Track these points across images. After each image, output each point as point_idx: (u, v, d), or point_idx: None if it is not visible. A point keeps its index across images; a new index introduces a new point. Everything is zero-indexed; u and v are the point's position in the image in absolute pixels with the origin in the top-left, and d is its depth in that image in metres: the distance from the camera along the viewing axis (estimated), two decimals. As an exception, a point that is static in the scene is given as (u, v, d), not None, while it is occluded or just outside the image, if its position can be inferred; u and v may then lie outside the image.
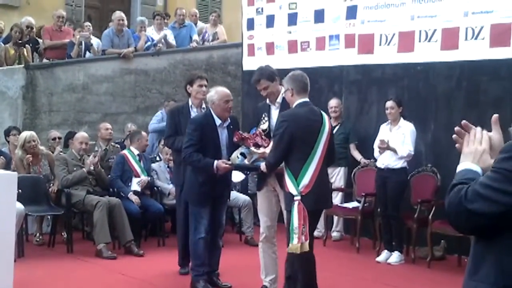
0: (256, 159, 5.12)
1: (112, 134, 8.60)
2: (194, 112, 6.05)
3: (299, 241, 4.62)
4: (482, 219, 1.86)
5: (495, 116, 2.10)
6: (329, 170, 5.97)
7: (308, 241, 4.66)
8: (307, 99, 4.94)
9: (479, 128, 2.07)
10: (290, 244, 4.67)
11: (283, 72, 5.39)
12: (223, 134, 5.51)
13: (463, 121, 2.11)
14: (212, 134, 5.45)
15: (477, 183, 1.88)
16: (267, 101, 5.34)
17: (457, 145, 2.12)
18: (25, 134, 7.73)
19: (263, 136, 5.17)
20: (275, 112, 5.27)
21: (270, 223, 5.32)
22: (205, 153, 5.36)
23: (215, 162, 5.29)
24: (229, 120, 5.56)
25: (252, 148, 5.13)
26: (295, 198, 4.69)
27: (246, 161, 5.20)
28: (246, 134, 5.27)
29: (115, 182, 7.66)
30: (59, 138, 8.57)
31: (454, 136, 2.12)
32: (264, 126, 5.25)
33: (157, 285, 5.99)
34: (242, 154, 5.21)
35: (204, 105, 6.08)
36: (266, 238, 5.32)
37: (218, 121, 5.48)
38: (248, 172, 6.27)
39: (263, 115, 5.30)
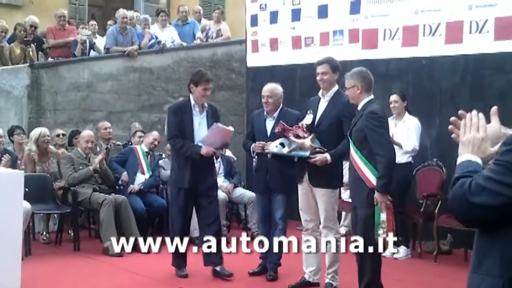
0: (294, 148, 5.33)
1: (111, 133, 8.58)
2: (196, 112, 6.01)
3: (387, 235, 4.73)
4: (486, 212, 1.87)
5: (494, 107, 2.10)
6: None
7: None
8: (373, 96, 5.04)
9: (474, 112, 2.07)
10: (377, 238, 4.75)
11: (288, 68, 5.42)
12: (269, 125, 5.96)
13: (460, 111, 2.12)
14: (259, 126, 6.05)
15: (480, 176, 1.88)
16: (319, 93, 5.49)
17: (453, 135, 2.13)
18: (40, 129, 7.83)
19: (304, 129, 5.36)
20: (323, 105, 5.43)
21: (309, 218, 5.52)
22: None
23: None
24: (276, 113, 5.97)
25: (292, 138, 5.34)
26: None
27: (284, 151, 5.42)
28: (288, 126, 5.48)
29: (111, 163, 7.82)
30: (63, 134, 8.57)
31: (450, 126, 2.12)
32: (308, 121, 5.40)
33: (165, 282, 6.01)
34: (281, 144, 5.46)
35: (206, 104, 6.09)
36: (307, 231, 5.53)
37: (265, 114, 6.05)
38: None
39: (308, 111, 5.47)
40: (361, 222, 4.85)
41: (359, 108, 4.98)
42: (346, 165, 5.40)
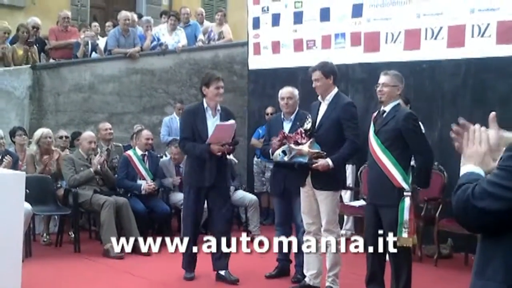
0: (294, 155, 5.36)
1: (112, 134, 8.50)
2: (209, 115, 5.96)
3: (410, 235, 4.79)
4: (490, 216, 1.87)
5: (493, 114, 2.11)
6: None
7: (415, 235, 4.91)
8: None
9: (477, 126, 2.08)
10: (399, 238, 4.79)
11: (289, 71, 5.42)
12: (286, 128, 5.93)
13: (461, 120, 2.12)
14: (276, 128, 5.96)
15: (484, 181, 1.89)
16: (319, 97, 5.54)
17: (456, 144, 2.13)
18: (42, 130, 7.84)
19: (303, 135, 5.39)
20: (323, 108, 5.48)
21: (311, 221, 5.51)
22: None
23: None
24: (293, 116, 6.02)
25: (292, 145, 5.37)
26: (405, 193, 4.83)
27: (285, 159, 5.44)
28: (289, 134, 5.54)
29: (123, 183, 7.72)
30: (66, 137, 8.53)
31: (452, 135, 2.13)
32: (307, 126, 5.43)
33: (165, 284, 6.00)
34: (283, 151, 5.47)
35: (219, 107, 6.03)
36: (309, 234, 5.51)
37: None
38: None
39: (308, 116, 5.51)
40: (394, 222, 4.84)
41: (387, 109, 5.06)
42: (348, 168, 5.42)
